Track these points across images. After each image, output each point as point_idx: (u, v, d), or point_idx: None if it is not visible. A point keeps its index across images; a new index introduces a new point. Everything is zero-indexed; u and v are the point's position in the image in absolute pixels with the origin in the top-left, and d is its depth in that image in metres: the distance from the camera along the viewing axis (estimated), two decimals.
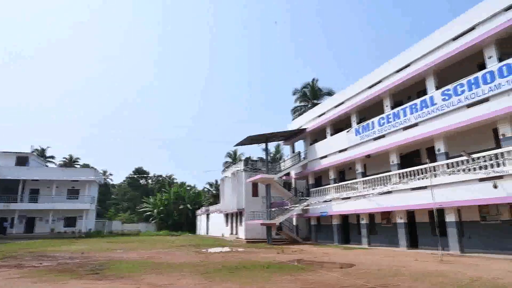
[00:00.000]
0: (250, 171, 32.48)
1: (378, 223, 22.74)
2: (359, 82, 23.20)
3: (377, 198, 20.05)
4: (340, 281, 8.94)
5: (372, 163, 23.19)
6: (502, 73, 14.13)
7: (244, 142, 29.42)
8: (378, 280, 8.98)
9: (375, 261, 13.59)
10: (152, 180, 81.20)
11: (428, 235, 18.42)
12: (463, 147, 16.08)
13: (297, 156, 30.80)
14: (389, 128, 20.02)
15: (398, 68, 19.76)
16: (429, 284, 8.28)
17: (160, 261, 14.04)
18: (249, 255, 16.90)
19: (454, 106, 16.15)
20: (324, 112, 27.07)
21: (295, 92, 42.88)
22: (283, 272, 10.63)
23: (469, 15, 16.00)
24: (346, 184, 23.59)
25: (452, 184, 15.62)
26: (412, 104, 18.57)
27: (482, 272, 9.89)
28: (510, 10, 14.10)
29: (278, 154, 52.84)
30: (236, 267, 12.00)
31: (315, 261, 14.16)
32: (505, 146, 14.13)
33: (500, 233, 15.30)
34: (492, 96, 14.54)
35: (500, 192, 13.70)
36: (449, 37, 16.70)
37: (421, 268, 11.04)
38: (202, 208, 52.63)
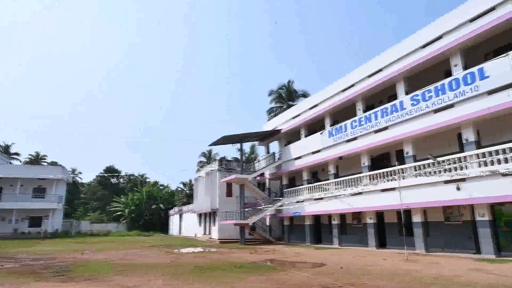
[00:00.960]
0: (225, 171, 32.37)
1: (349, 223, 23.28)
2: (333, 85, 23.67)
3: (348, 199, 20.52)
4: (310, 280, 9.10)
5: (344, 164, 23.71)
6: (467, 80, 14.84)
7: (218, 142, 29.30)
8: (347, 279, 9.20)
9: (345, 260, 13.91)
10: (124, 179, 79.28)
11: (396, 235, 19.05)
12: (429, 151, 16.75)
13: (271, 157, 31.01)
14: (361, 131, 20.54)
15: (370, 72, 20.31)
16: (395, 282, 8.58)
17: (130, 262, 13.75)
18: (222, 255, 16.85)
19: (422, 111, 16.78)
20: (299, 114, 27.41)
21: (270, 93, 43.16)
22: (255, 272, 10.68)
23: (437, 24, 16.68)
24: (319, 185, 23.98)
25: (419, 186, 16.23)
26: (383, 108, 19.14)
27: (445, 270, 10.35)
28: (475, 22, 14.82)
29: (253, 155, 52.99)
30: (208, 267, 11.95)
31: (287, 261, 14.32)
32: (468, 150, 14.84)
33: (461, 233, 16.08)
34: (457, 102, 15.23)
35: (462, 194, 14.37)
36: (419, 44, 17.35)
37: (388, 267, 11.41)
38: (175, 208, 51.95)
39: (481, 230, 14.21)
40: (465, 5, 15.42)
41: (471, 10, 15.04)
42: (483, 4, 14.55)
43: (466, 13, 15.24)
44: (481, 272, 9.90)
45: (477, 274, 9.47)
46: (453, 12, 15.95)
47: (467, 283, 8.12)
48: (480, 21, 14.57)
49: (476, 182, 13.92)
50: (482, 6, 14.60)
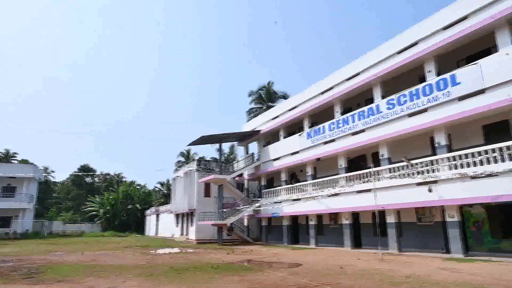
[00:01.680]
0: (203, 171, 32.16)
1: (326, 224, 23.62)
2: (312, 88, 23.97)
3: (325, 200, 20.82)
4: (286, 280, 9.18)
5: (322, 166, 24.05)
6: (439, 86, 15.38)
7: (197, 141, 29.07)
8: (322, 278, 9.34)
9: (321, 260, 14.11)
10: (99, 178, 77.30)
11: (370, 236, 19.50)
12: (404, 153, 17.24)
13: (250, 158, 31.06)
14: (338, 133, 20.90)
15: (348, 76, 20.71)
16: (369, 281, 8.78)
17: (104, 264, 13.43)
18: (199, 256, 16.73)
19: (397, 114, 17.26)
20: (278, 115, 27.59)
21: (250, 94, 43.24)
22: (232, 273, 10.67)
23: (413, 30, 17.20)
24: (297, 185, 24.21)
25: (393, 188, 16.67)
26: (360, 111, 19.54)
27: (416, 269, 10.67)
28: (448, 29, 15.39)
29: (232, 155, 52.87)
30: (184, 268, 11.83)
31: (264, 261, 14.38)
32: (439, 153, 15.38)
33: (433, 233, 16.64)
34: (430, 107, 15.75)
35: (434, 196, 14.87)
36: (395, 50, 17.84)
37: (362, 267, 11.65)
38: (152, 208, 51.16)
39: (451, 230, 14.75)
40: (439, 13, 15.98)
41: (444, 18, 15.61)
42: (456, 13, 15.13)
43: (440, 21, 15.79)
44: (449, 271, 10.27)
45: (445, 273, 9.83)
46: (428, 20, 16.49)
47: (435, 282, 8.41)
48: (453, 30, 15.15)
49: (446, 184, 14.44)
50: (455, 14, 15.18)
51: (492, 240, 14.50)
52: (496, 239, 14.41)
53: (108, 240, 34.91)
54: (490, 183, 12.93)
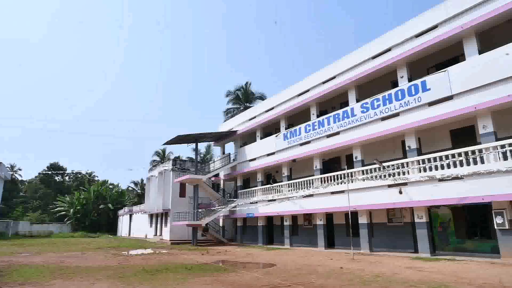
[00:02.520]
0: (179, 171, 31.81)
1: (300, 224, 23.91)
2: (289, 90, 24.22)
3: (300, 200, 21.07)
4: (259, 280, 9.23)
5: (297, 167, 24.32)
6: (411, 92, 15.93)
7: (173, 141, 28.69)
8: (295, 278, 9.46)
9: (295, 260, 14.27)
10: (70, 177, 74.79)
11: (343, 236, 19.92)
12: (376, 156, 17.73)
13: (227, 158, 30.97)
14: (314, 135, 21.21)
15: (324, 79, 21.07)
16: (340, 280, 8.97)
17: (72, 265, 13.03)
18: (173, 257, 16.54)
19: (371, 118, 17.71)
20: (255, 116, 27.68)
21: (228, 94, 43.09)
22: (205, 273, 10.62)
23: (387, 37, 17.72)
24: (272, 186, 24.37)
25: (366, 189, 17.10)
26: (335, 114, 19.92)
27: (385, 268, 11.01)
28: (420, 37, 15.95)
29: (208, 155, 52.47)
30: (157, 269, 11.66)
31: (238, 261, 14.40)
32: (410, 156, 15.92)
33: (402, 233, 17.20)
34: (402, 111, 16.28)
35: (404, 198, 15.37)
36: (369, 55, 18.31)
37: (334, 266, 11.88)
38: (125, 208, 50.05)
39: (419, 231, 15.29)
40: (412, 21, 16.53)
41: (417, 26, 16.17)
42: (427, 22, 15.71)
43: (412, 29, 16.35)
44: (416, 270, 10.66)
45: (412, 272, 10.19)
46: (401, 27, 17.02)
47: (401, 280, 8.71)
48: (424, 37, 15.72)
49: (416, 187, 14.96)
50: (426, 23, 15.76)
51: (457, 240, 15.16)
52: (460, 239, 15.08)
53: (77, 241, 33.84)
54: (456, 185, 13.51)
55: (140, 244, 27.80)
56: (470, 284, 8.09)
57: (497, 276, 9.07)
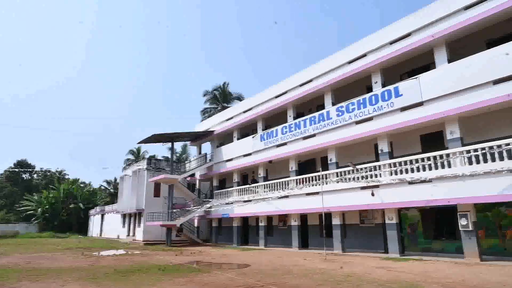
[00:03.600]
0: (154, 171, 31.35)
1: (275, 225, 24.12)
2: (267, 91, 24.40)
3: (276, 201, 21.26)
4: (234, 281, 9.27)
5: (273, 168, 24.51)
6: (384, 97, 16.44)
7: (148, 140, 28.24)
8: (269, 278, 9.57)
9: (269, 261, 14.40)
10: (38, 175, 71.95)
11: (317, 236, 20.27)
12: (350, 158, 18.16)
13: (203, 158, 30.79)
14: (290, 137, 21.46)
15: (301, 82, 21.37)
16: (313, 280, 9.15)
17: (40, 266, 12.58)
18: (146, 258, 16.28)
19: (346, 121, 18.13)
20: (233, 116, 27.69)
21: (205, 93, 42.87)
22: (179, 274, 10.54)
23: (363, 42, 18.18)
24: (248, 187, 24.45)
25: (339, 191, 17.48)
26: (311, 117, 20.25)
27: (357, 268, 11.31)
28: (394, 44, 16.49)
29: (184, 155, 51.97)
30: (129, 270, 11.46)
31: (213, 262, 14.37)
32: (382, 159, 16.43)
33: (373, 234, 17.71)
34: (375, 116, 16.77)
35: (376, 199, 15.84)
36: (346, 60, 18.73)
37: (308, 267, 12.09)
38: (97, 208, 48.77)
39: (389, 232, 15.81)
40: (387, 28, 17.07)
41: (391, 33, 16.71)
42: (401, 30, 16.25)
43: (387, 36, 16.88)
44: (386, 269, 11.03)
45: (383, 272, 10.53)
46: (376, 33, 17.53)
47: (373, 280, 9.00)
48: (398, 45, 16.26)
49: (387, 189, 15.45)
50: (400, 31, 16.30)
51: (425, 241, 15.77)
52: (428, 240, 15.70)
53: (46, 241, 32.65)
54: (424, 188, 14.06)
55: (112, 245, 27.15)
56: (437, 283, 8.46)
57: (461, 275, 9.54)
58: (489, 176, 12.18)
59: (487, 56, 13.19)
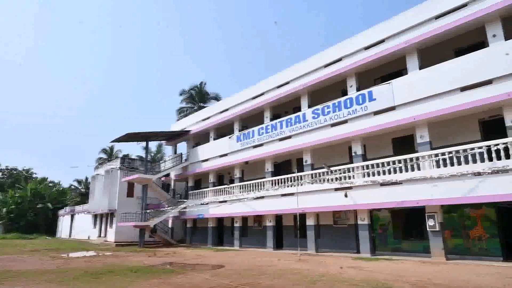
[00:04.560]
0: (127, 170, 30.68)
1: (250, 226, 24.19)
2: (244, 92, 24.44)
3: (251, 202, 21.32)
4: (207, 282, 9.24)
5: (249, 169, 24.59)
6: (359, 101, 16.86)
7: (122, 138, 27.60)
8: (244, 279, 9.60)
9: (244, 261, 14.43)
10: (3, 173, 68.68)
11: (292, 237, 20.49)
12: (325, 160, 18.50)
13: (178, 158, 30.43)
14: (267, 138, 21.60)
15: (279, 84, 21.57)
16: (287, 280, 9.26)
17: (5, 270, 12.04)
18: (118, 259, 15.91)
19: (321, 124, 18.45)
20: (209, 116, 27.54)
21: (182, 92, 42.37)
22: (152, 276, 10.39)
23: (339, 47, 18.57)
24: (224, 188, 24.39)
25: (314, 192, 17.77)
26: (288, 118, 20.46)
27: (329, 268, 11.54)
28: (369, 50, 16.95)
29: (159, 154, 51.15)
30: (100, 272, 11.17)
31: (187, 263, 14.24)
32: (355, 162, 16.83)
33: (346, 235, 18.12)
34: (350, 119, 17.16)
35: (349, 201, 16.21)
36: (322, 63, 19.08)
37: (282, 267, 12.22)
38: (67, 208, 47.15)
39: (361, 232, 16.23)
40: (362, 34, 17.51)
41: (366, 39, 17.17)
42: (376, 36, 16.73)
43: (362, 41, 17.32)
44: (357, 269, 11.32)
45: (354, 271, 10.81)
46: (353, 38, 17.94)
47: (345, 280, 9.22)
48: (373, 50, 16.72)
49: (360, 190, 15.85)
50: (375, 36, 16.78)
51: (395, 241, 16.31)
52: (398, 240, 16.24)
53: (11, 242, 31.24)
54: (395, 190, 14.54)
55: (83, 246, 26.34)
56: (406, 282, 8.77)
57: (428, 274, 9.94)
58: (455, 179, 12.76)
59: (455, 64, 13.81)
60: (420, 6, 15.30)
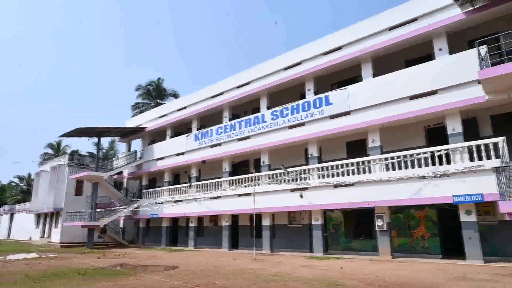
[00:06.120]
0: (76, 167, 29.08)
1: (206, 226, 23.94)
2: (204, 90, 24.15)
3: (207, 202, 21.11)
4: (160, 283, 9.00)
5: (206, 168, 24.33)
6: (316, 104, 17.34)
7: (72, 133, 26.07)
8: (198, 280, 9.48)
9: (199, 262, 14.25)
10: None
11: (247, 237, 20.59)
12: (282, 161, 18.81)
13: (133, 155, 29.33)
14: (225, 138, 21.51)
15: (239, 84, 21.57)
16: (242, 280, 9.29)
17: None
18: (64, 261, 15.01)
19: (279, 125, 18.72)
20: (167, 114, 26.89)
21: (138, 88, 40.88)
22: (102, 278, 9.92)
23: (299, 50, 18.94)
24: (180, 187, 23.91)
25: (271, 193, 17.98)
26: (247, 119, 20.54)
27: (283, 267, 11.75)
28: (327, 55, 17.48)
29: (112, 151, 48.99)
30: (44, 276, 10.46)
31: (139, 264, 13.79)
32: (311, 163, 17.30)
33: (300, 234, 18.55)
34: (307, 121, 17.59)
35: (304, 201, 16.61)
36: (282, 66, 19.36)
37: (237, 267, 12.23)
38: (5, 207, 43.72)
39: (315, 232, 16.71)
40: (321, 40, 18.01)
41: (325, 44, 17.68)
42: (335, 42, 17.26)
43: (321, 47, 17.82)
44: (310, 268, 11.64)
45: (307, 270, 11.10)
46: (312, 43, 18.39)
47: (299, 278, 9.44)
48: (331, 56, 17.27)
49: (315, 191, 16.30)
50: (333, 43, 17.31)
51: (346, 240, 16.99)
52: (349, 239, 16.94)
53: None
54: (348, 191, 15.14)
55: (23, 248, 24.53)
56: (355, 279, 9.16)
57: (376, 272, 10.46)
58: (402, 181, 13.57)
59: (405, 74, 14.68)
60: (377, 16, 16.08)
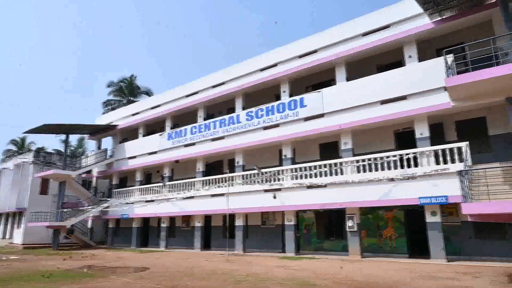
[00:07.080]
0: (42, 165, 27.88)
1: (178, 226, 23.62)
2: (178, 89, 23.84)
3: (180, 202, 20.84)
4: (130, 285, 8.80)
5: (180, 168, 24.01)
6: (291, 106, 17.53)
7: (38, 129, 24.98)
8: (170, 281, 9.34)
9: (170, 263, 14.04)
10: None
11: (220, 237, 20.50)
12: (256, 162, 18.86)
13: (103, 154, 28.43)
14: (199, 137, 21.31)
15: (214, 84, 21.45)
16: (214, 281, 9.24)
17: None
18: (27, 263, 14.36)
19: (254, 126, 18.77)
20: (139, 112, 26.30)
21: (110, 84, 39.68)
22: (68, 281, 9.57)
23: (275, 52, 19.09)
24: (151, 187, 23.45)
25: (244, 193, 17.99)
26: (222, 119, 20.45)
27: (256, 268, 11.80)
28: (303, 58, 17.71)
29: (81, 149, 47.29)
30: (5, 279, 9.96)
31: (107, 266, 13.41)
32: (285, 164, 17.48)
33: (273, 235, 18.70)
34: (281, 123, 17.75)
35: (277, 202, 16.74)
36: (258, 67, 19.44)
37: (210, 268, 12.15)
38: None
39: (287, 232, 16.88)
40: (298, 42, 18.24)
41: (301, 47, 17.92)
42: (310, 45, 17.54)
43: (297, 49, 18.04)
44: (283, 268, 11.76)
45: (279, 270, 11.21)
46: (289, 45, 18.58)
47: (271, 278, 9.51)
48: (306, 59, 17.52)
49: (288, 192, 16.48)
50: (308, 46, 17.58)
51: (318, 241, 17.29)
52: (320, 240, 17.24)
53: None
54: (320, 192, 15.41)
55: None
56: (326, 279, 9.34)
57: (346, 271, 10.72)
58: (372, 183, 13.97)
59: (377, 79, 15.13)
60: (351, 22, 16.48)
